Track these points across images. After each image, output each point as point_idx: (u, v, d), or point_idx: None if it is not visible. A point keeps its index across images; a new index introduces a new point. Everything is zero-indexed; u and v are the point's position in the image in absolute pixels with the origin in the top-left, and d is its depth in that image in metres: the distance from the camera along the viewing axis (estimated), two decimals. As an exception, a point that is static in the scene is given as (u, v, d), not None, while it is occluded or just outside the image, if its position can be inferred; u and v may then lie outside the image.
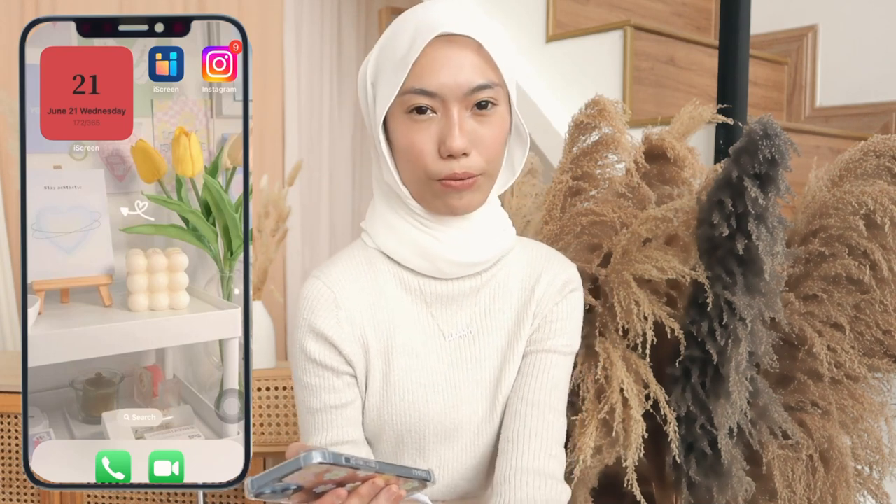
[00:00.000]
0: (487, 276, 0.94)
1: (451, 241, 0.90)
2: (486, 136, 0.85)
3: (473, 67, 0.83)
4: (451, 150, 0.83)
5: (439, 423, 0.91)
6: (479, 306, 0.94)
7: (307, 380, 0.90)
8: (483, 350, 0.94)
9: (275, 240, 2.01)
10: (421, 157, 0.85)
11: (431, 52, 0.83)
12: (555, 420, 0.90)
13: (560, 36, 2.06)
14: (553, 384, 0.92)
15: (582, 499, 1.16)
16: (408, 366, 0.92)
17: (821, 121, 2.34)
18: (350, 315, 0.91)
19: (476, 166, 0.85)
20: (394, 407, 0.91)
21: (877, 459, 1.16)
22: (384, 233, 0.93)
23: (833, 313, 1.13)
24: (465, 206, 0.88)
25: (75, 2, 2.52)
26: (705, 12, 2.53)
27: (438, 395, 0.92)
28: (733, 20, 1.56)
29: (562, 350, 0.94)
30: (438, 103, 0.84)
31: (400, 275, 0.93)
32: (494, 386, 0.93)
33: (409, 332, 0.92)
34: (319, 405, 0.90)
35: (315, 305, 0.91)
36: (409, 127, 0.85)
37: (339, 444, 0.90)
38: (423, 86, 0.83)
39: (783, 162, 0.99)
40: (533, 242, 1.01)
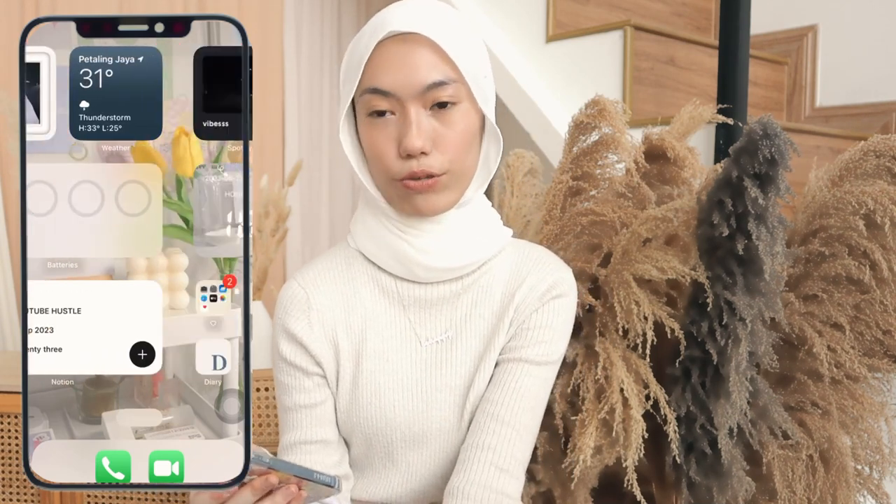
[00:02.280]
0: (469, 280, 0.92)
1: (426, 245, 0.88)
2: (446, 135, 0.84)
3: (427, 65, 0.82)
4: (408, 149, 0.82)
5: (407, 429, 0.90)
6: (458, 311, 0.92)
7: (280, 378, 0.92)
8: (459, 356, 0.91)
9: (275, 240, 2.01)
10: (382, 158, 0.85)
11: (384, 52, 0.83)
12: (512, 435, 0.87)
13: (560, 36, 2.06)
14: (518, 395, 0.88)
15: (582, 499, 1.16)
16: (377, 369, 0.91)
17: (821, 121, 2.34)
18: (321, 316, 0.91)
19: (436, 165, 0.84)
20: (361, 410, 0.91)
21: (877, 459, 1.16)
22: (364, 234, 0.93)
23: (833, 313, 1.13)
24: (432, 207, 0.86)
25: (75, 2, 2.52)
26: (705, 12, 2.53)
27: (407, 401, 0.90)
28: (733, 20, 1.56)
29: (535, 360, 0.90)
30: (396, 103, 0.83)
31: (377, 277, 0.92)
32: (465, 392, 0.91)
33: (382, 336, 0.91)
34: (291, 403, 0.91)
35: (288, 306, 0.91)
36: (370, 129, 0.85)
37: (307, 444, 0.90)
38: (376, 84, 0.83)
39: (783, 162, 0.99)
40: (528, 245, 0.97)
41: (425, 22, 0.83)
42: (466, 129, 0.86)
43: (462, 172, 0.87)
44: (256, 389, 1.84)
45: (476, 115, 0.87)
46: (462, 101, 0.85)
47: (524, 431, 0.88)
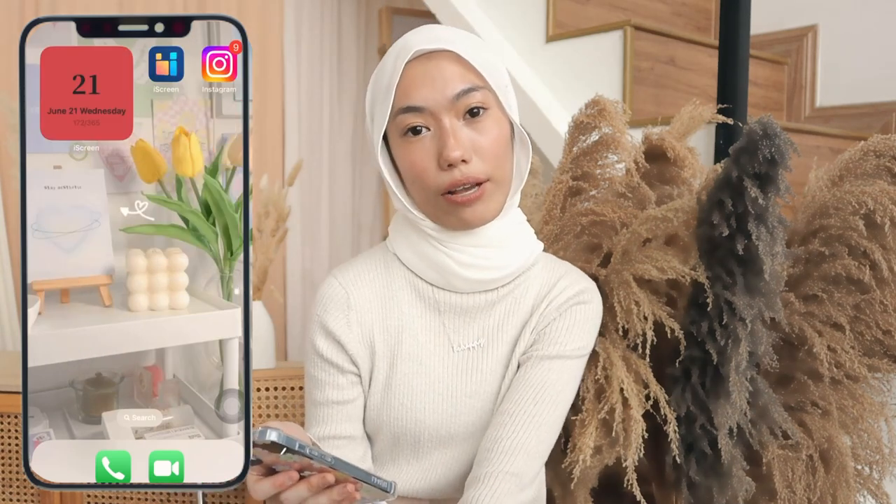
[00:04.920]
0: (504, 291, 0.95)
1: (465, 259, 0.90)
2: (483, 142, 0.86)
3: (454, 75, 0.85)
4: (449, 158, 0.84)
5: (435, 431, 0.93)
6: (492, 320, 0.95)
7: (314, 372, 0.94)
8: (489, 363, 0.94)
9: (275, 240, 2.01)
10: (423, 174, 0.86)
11: (412, 72, 0.85)
12: (520, 423, 0.88)
13: (560, 36, 2.06)
14: (529, 386, 0.90)
15: (582, 499, 1.16)
16: (411, 372, 0.93)
17: (821, 121, 2.34)
18: (360, 316, 0.93)
19: (479, 171, 0.86)
20: (392, 410, 0.93)
21: (877, 459, 1.16)
22: (403, 244, 0.95)
23: (833, 313, 1.13)
24: (480, 217, 0.88)
25: (75, 2, 2.52)
26: (705, 12, 2.53)
27: (438, 405, 0.93)
28: (733, 20, 1.56)
29: (549, 354, 0.92)
30: (429, 118, 0.85)
31: (415, 282, 0.95)
32: (494, 399, 0.94)
33: (418, 339, 0.93)
34: (322, 399, 0.93)
35: (328, 304, 0.93)
36: (406, 149, 0.87)
37: (335, 439, 0.92)
38: (409, 102, 0.85)
39: (783, 162, 0.99)
40: (555, 259, 1.01)
41: (447, 39, 0.86)
42: (501, 136, 0.88)
43: (503, 179, 0.89)
44: (256, 389, 1.84)
45: (506, 122, 0.90)
46: (492, 108, 0.87)
47: (536, 423, 0.89)
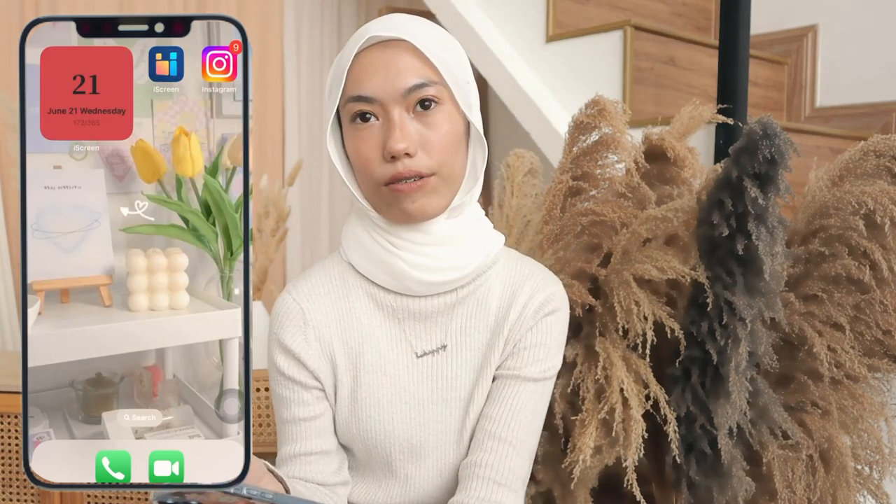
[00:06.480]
0: (464, 292, 0.91)
1: (416, 259, 0.88)
2: (432, 137, 0.84)
3: (408, 68, 0.82)
4: (392, 151, 0.82)
5: (405, 441, 0.91)
6: (454, 323, 0.92)
7: (278, 391, 0.92)
8: (456, 369, 0.91)
9: (275, 240, 2.01)
10: (367, 164, 0.84)
11: (366, 59, 0.83)
12: (510, 451, 0.88)
13: (560, 36, 2.06)
14: (516, 412, 0.89)
15: (582, 499, 1.16)
16: (375, 383, 0.91)
17: (821, 121, 2.34)
18: (318, 332, 0.91)
19: (423, 166, 0.83)
20: (361, 423, 0.91)
21: (877, 459, 1.16)
22: (355, 249, 0.92)
23: (833, 313, 1.13)
24: (421, 210, 0.85)
25: (75, 2, 2.52)
26: (705, 12, 2.54)
27: (405, 414, 0.91)
28: (733, 20, 1.56)
29: (532, 377, 0.90)
30: (378, 108, 0.83)
31: (371, 291, 0.92)
32: (465, 406, 0.91)
33: (379, 349, 0.91)
34: (290, 416, 0.91)
35: (284, 321, 0.91)
36: (354, 136, 0.85)
37: (308, 455, 0.91)
38: (359, 91, 0.83)
39: (783, 162, 0.99)
40: (519, 257, 0.97)
41: (405, 28, 0.83)
42: (451, 132, 0.85)
43: (450, 176, 0.86)
44: (256, 389, 1.84)
45: (460, 119, 0.87)
46: (445, 103, 0.84)
47: (522, 447, 0.89)
